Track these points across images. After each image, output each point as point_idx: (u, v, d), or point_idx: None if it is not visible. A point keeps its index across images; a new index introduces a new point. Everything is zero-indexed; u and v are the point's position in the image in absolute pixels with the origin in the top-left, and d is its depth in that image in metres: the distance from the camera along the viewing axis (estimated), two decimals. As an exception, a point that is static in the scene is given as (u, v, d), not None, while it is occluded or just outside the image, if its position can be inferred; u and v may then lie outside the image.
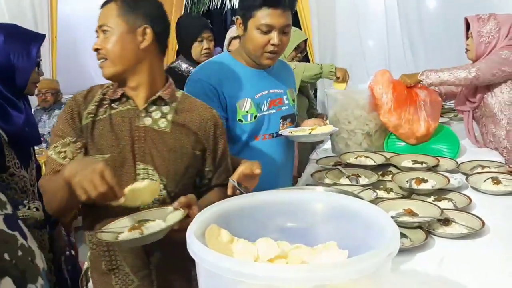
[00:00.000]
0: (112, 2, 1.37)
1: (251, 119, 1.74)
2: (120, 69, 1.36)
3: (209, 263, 0.76)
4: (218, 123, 1.47)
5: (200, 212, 0.95)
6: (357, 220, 1.02)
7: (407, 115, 2.45)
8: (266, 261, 0.90)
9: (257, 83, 1.79)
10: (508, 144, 2.51)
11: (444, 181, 1.97)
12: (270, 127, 1.81)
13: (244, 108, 1.73)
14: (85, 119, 1.40)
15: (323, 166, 2.34)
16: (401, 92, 2.48)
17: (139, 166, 1.37)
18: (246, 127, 1.74)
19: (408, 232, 1.56)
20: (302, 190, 1.46)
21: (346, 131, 2.54)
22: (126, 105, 1.41)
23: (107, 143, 1.37)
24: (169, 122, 1.40)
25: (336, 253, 0.94)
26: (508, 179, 1.98)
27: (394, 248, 0.78)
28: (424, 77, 2.50)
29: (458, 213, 1.70)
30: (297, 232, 1.08)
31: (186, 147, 1.41)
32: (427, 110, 2.48)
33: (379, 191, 1.95)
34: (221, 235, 0.93)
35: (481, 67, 2.39)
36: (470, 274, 1.35)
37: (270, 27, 1.66)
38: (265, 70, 1.81)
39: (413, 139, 2.48)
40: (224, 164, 1.51)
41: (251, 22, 1.67)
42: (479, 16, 2.52)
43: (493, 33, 2.44)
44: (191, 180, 1.46)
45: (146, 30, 1.36)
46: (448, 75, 2.43)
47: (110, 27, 1.35)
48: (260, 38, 1.67)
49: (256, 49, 1.70)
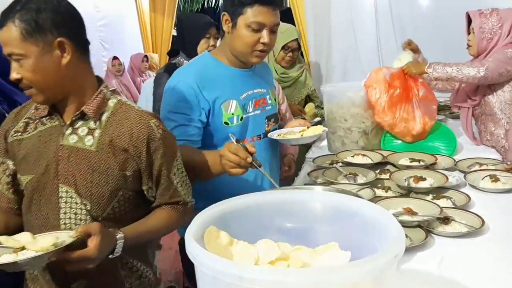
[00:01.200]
0: (9, 22, 1.17)
1: (237, 121, 1.69)
2: (49, 93, 1.24)
3: (208, 267, 0.74)
4: (154, 136, 1.30)
5: (198, 214, 0.92)
6: (358, 220, 1.00)
7: (402, 113, 2.42)
8: (267, 264, 0.88)
9: (241, 84, 1.73)
10: (507, 143, 2.51)
11: (442, 179, 1.95)
12: (256, 128, 1.77)
13: (229, 110, 1.66)
14: (10, 137, 1.32)
15: (319, 165, 2.32)
16: (396, 90, 2.45)
17: (62, 189, 1.27)
18: (233, 130, 1.67)
19: (407, 231, 1.54)
20: (301, 190, 1.43)
21: (343, 129, 2.52)
22: (55, 121, 1.31)
23: (31, 163, 1.28)
24: (95, 140, 1.28)
25: (338, 255, 0.91)
26: (506, 177, 1.97)
27: (400, 250, 0.76)
28: (431, 69, 2.42)
29: (457, 211, 1.68)
30: (297, 232, 1.06)
31: (112, 168, 1.27)
32: (423, 107, 2.46)
33: (377, 189, 1.93)
34: (220, 237, 0.91)
35: (490, 66, 2.34)
36: (470, 273, 1.33)
37: (261, 25, 1.60)
38: (248, 70, 1.75)
39: (409, 137, 2.46)
40: (165, 181, 1.35)
41: (241, 19, 1.60)
42: (481, 11, 2.49)
43: (495, 29, 2.42)
44: (127, 203, 1.33)
45: (63, 43, 1.21)
46: (457, 72, 2.37)
47: (20, 55, 1.18)
48: (250, 37, 1.61)
49: (245, 47, 1.64)
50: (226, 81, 1.68)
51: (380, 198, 1.80)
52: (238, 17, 1.60)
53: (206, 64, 1.69)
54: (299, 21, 4.41)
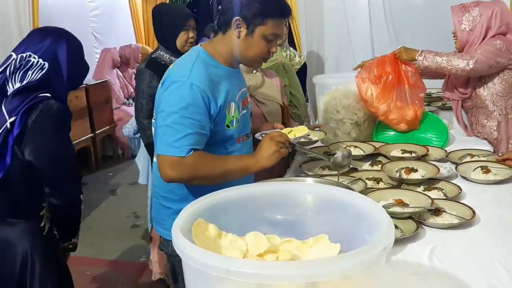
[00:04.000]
0: None
1: (236, 123, 1.65)
2: None
3: (195, 261, 0.73)
4: None
5: (186, 206, 0.91)
6: (349, 212, 1.00)
7: (396, 100, 2.40)
8: (256, 256, 0.87)
9: (235, 84, 1.69)
10: (499, 135, 2.51)
11: (433, 170, 1.95)
12: (246, 127, 1.75)
13: (231, 113, 1.63)
14: None
15: (311, 156, 2.31)
16: (389, 76, 2.43)
17: None
18: (232, 132, 1.64)
19: (398, 222, 1.54)
20: (291, 182, 1.43)
21: (335, 120, 2.51)
22: None
23: None
24: None
25: (328, 247, 0.91)
26: (497, 168, 1.97)
27: (389, 242, 0.76)
28: (422, 57, 2.41)
29: (448, 202, 1.68)
30: (287, 224, 1.05)
31: None
32: (413, 94, 2.44)
33: (368, 181, 1.93)
34: (209, 230, 0.90)
35: (479, 59, 2.34)
36: (461, 264, 1.34)
37: (277, 36, 1.60)
38: (236, 69, 1.71)
39: (403, 124, 2.44)
40: None
41: (260, 30, 1.56)
42: (463, 5, 2.50)
43: (477, 20, 2.42)
44: None
45: None
46: (446, 63, 2.37)
47: None
48: (265, 46, 1.60)
49: (257, 56, 1.62)
50: (225, 82, 1.63)
51: (372, 189, 1.80)
52: (257, 26, 1.56)
53: (207, 63, 1.62)
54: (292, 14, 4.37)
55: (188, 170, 1.49)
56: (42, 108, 1.57)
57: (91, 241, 3.56)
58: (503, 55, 2.35)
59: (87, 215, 4.17)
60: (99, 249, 3.52)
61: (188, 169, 1.49)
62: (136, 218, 4.10)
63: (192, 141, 1.49)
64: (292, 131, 1.86)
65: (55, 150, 1.62)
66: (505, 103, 2.47)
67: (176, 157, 1.48)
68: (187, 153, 1.48)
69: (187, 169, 1.49)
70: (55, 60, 1.66)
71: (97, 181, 5.12)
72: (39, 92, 1.58)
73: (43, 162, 1.59)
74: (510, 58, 2.37)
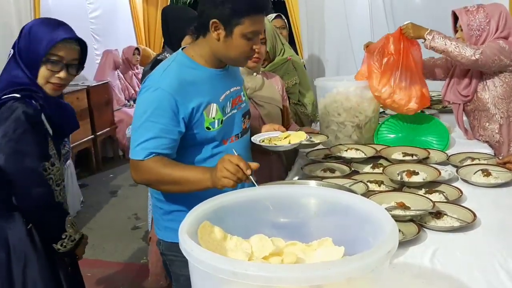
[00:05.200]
0: None
1: (218, 125, 1.61)
2: None
3: (202, 263, 0.74)
4: None
5: (192, 209, 0.92)
6: (352, 215, 1.01)
7: (399, 82, 2.38)
8: (261, 259, 0.88)
9: (219, 85, 1.65)
10: (501, 138, 2.52)
11: (435, 173, 1.96)
12: (235, 128, 1.71)
13: (211, 115, 1.59)
14: None
15: (313, 158, 2.33)
16: (391, 57, 2.40)
17: None
18: (214, 134, 1.61)
19: (400, 225, 1.54)
20: (295, 185, 1.43)
21: (336, 123, 2.52)
22: None
23: None
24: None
25: (332, 250, 0.92)
26: (498, 171, 1.98)
27: (393, 245, 0.77)
28: (431, 37, 2.37)
29: (449, 205, 1.69)
30: (291, 227, 1.06)
31: None
32: (417, 73, 2.42)
33: (370, 184, 1.94)
34: (214, 232, 0.91)
35: (485, 51, 2.33)
36: (462, 267, 1.34)
37: (257, 33, 1.57)
38: (223, 69, 1.68)
39: (413, 103, 2.39)
40: None
41: (238, 29, 1.53)
42: (467, 9, 2.49)
43: (483, 25, 2.42)
44: None
45: None
46: (454, 47, 2.34)
47: None
48: (246, 45, 1.56)
49: (241, 56, 1.59)
50: (205, 84, 1.60)
51: (373, 192, 1.81)
52: (234, 27, 1.53)
53: (183, 66, 1.60)
54: (293, 16, 4.39)
55: (145, 174, 1.51)
56: (3, 110, 1.56)
57: (92, 243, 3.51)
58: (506, 54, 2.35)
59: (88, 216, 4.17)
60: (100, 251, 3.52)
61: (145, 173, 1.51)
62: (137, 219, 4.10)
63: (152, 145, 1.49)
64: (289, 136, 1.84)
65: (13, 153, 1.57)
66: (506, 106, 2.47)
67: (136, 160, 1.50)
68: (145, 157, 1.49)
69: (144, 173, 1.51)
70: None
71: (97, 182, 5.12)
72: (7, 91, 1.58)
73: (4, 164, 1.57)
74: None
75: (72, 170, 4.25)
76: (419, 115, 2.65)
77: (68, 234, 1.72)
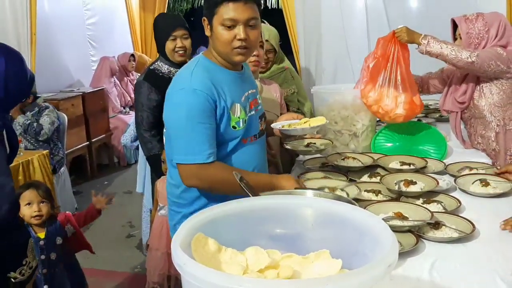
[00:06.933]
0: None
1: (243, 124, 1.68)
2: None
3: (195, 277, 0.71)
4: None
5: (186, 220, 0.89)
6: (350, 227, 0.98)
7: (387, 87, 2.35)
8: (256, 272, 0.85)
9: (239, 86, 1.72)
10: (497, 146, 2.50)
11: (432, 183, 1.94)
12: (254, 129, 1.77)
13: (236, 114, 1.66)
14: None
15: (310, 167, 2.30)
16: (378, 61, 2.40)
17: None
18: (239, 133, 1.68)
19: (398, 236, 1.50)
20: (292, 196, 1.41)
21: (333, 131, 2.50)
22: None
23: None
24: None
25: (329, 263, 0.89)
26: (496, 181, 1.96)
27: (393, 259, 0.74)
28: (425, 42, 2.32)
29: (448, 216, 1.67)
30: (287, 239, 1.03)
31: None
32: (407, 79, 2.39)
33: (367, 193, 1.92)
34: (208, 245, 0.88)
35: (481, 55, 2.32)
36: (461, 278, 1.32)
37: (233, 21, 1.58)
38: (240, 72, 1.74)
39: (401, 110, 2.35)
40: None
41: (216, 20, 1.60)
42: (466, 17, 2.48)
43: (482, 33, 2.41)
44: None
45: None
46: (450, 50, 2.31)
47: None
48: (226, 35, 1.60)
49: (224, 46, 1.62)
50: (229, 84, 1.66)
51: (371, 202, 1.79)
52: (213, 18, 1.61)
53: (207, 68, 1.66)
54: (290, 24, 4.38)
55: (210, 176, 1.57)
56: None
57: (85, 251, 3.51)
58: (503, 60, 2.34)
59: (82, 224, 4.12)
60: (93, 259, 3.46)
61: (210, 176, 1.57)
62: (131, 227, 4.06)
63: (207, 145, 1.56)
64: (309, 121, 1.90)
65: None
66: (503, 114, 2.46)
67: (199, 164, 1.55)
68: (207, 159, 1.55)
69: (209, 176, 1.57)
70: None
71: (92, 189, 5.06)
72: None
73: None
74: (509, 66, 2.37)
75: (66, 177, 4.22)
76: (416, 124, 2.64)
77: (29, 260, 1.62)
